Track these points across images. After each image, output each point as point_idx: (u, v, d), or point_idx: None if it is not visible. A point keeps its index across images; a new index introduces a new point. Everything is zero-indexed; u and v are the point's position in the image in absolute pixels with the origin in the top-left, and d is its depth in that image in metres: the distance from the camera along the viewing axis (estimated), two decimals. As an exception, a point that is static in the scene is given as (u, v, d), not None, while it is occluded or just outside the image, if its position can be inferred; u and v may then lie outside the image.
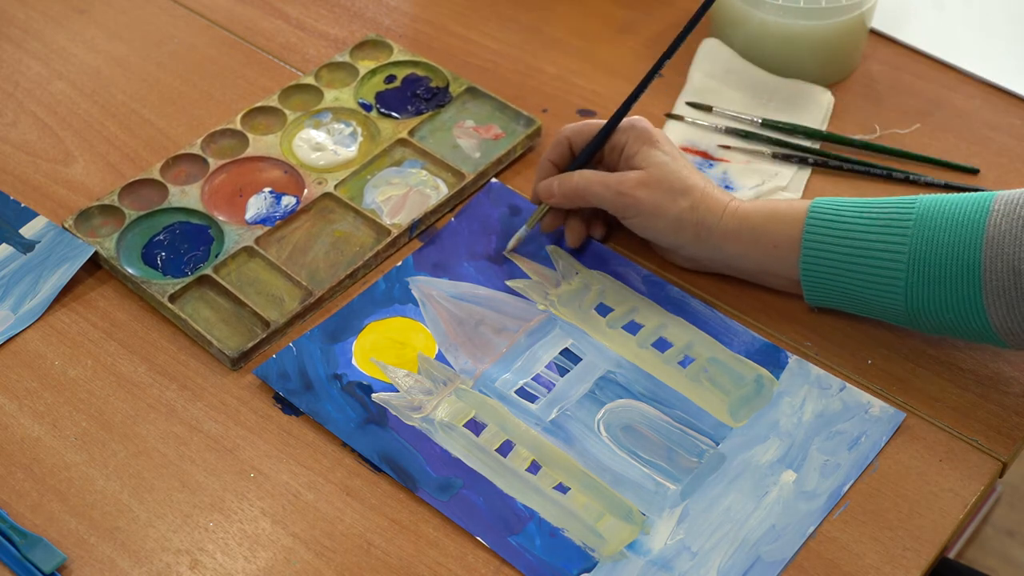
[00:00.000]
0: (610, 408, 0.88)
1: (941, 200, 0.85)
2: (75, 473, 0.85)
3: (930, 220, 0.84)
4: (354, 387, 0.89)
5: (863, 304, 0.88)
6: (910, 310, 0.86)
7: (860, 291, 0.87)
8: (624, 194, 0.92)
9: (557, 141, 0.97)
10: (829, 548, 0.81)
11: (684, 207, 0.91)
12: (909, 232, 0.85)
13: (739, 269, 0.93)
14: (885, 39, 1.16)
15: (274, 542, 0.82)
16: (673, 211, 0.91)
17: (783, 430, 0.87)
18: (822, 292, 0.89)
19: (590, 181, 0.93)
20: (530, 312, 0.94)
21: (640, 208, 0.92)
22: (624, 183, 0.92)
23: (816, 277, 0.88)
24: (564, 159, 0.97)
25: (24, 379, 0.90)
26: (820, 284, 0.89)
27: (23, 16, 1.19)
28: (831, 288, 0.88)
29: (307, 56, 1.15)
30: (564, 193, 0.95)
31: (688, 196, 0.91)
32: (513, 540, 0.81)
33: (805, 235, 0.88)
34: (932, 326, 0.86)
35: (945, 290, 0.84)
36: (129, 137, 1.07)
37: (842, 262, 0.87)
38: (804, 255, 0.88)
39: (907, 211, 0.86)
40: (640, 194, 0.91)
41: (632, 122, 0.95)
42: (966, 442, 0.86)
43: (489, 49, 1.16)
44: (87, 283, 0.96)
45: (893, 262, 0.85)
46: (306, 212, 1.00)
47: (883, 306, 0.87)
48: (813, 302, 0.91)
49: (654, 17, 1.19)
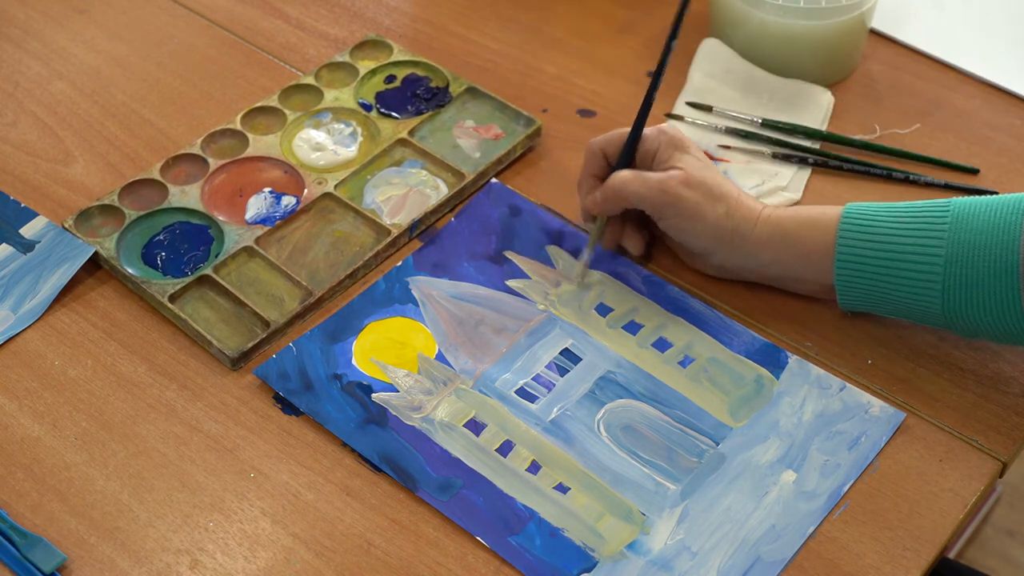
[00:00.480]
0: (610, 408, 0.88)
1: (976, 203, 0.85)
2: (75, 473, 0.85)
3: (966, 223, 0.84)
4: (354, 387, 0.89)
5: (899, 308, 0.88)
6: (947, 314, 0.85)
7: (896, 296, 0.87)
8: (667, 191, 0.90)
9: (591, 154, 0.96)
10: (829, 548, 0.81)
11: (720, 213, 0.90)
12: (945, 236, 0.84)
13: (771, 276, 0.93)
14: (885, 39, 1.16)
15: (274, 542, 0.82)
16: (711, 216, 0.90)
17: (783, 430, 0.87)
18: (856, 297, 0.89)
19: (628, 180, 0.92)
20: (530, 312, 0.94)
21: (680, 207, 0.91)
22: (667, 181, 0.91)
23: (851, 282, 0.88)
24: (603, 170, 0.96)
25: (24, 379, 0.90)
26: (855, 289, 0.88)
27: (23, 16, 1.19)
28: (866, 293, 0.88)
29: (307, 56, 1.15)
30: (606, 196, 0.93)
31: (724, 202, 0.91)
32: (513, 540, 0.81)
33: (839, 241, 0.88)
34: (969, 329, 0.86)
35: (983, 293, 0.83)
36: (129, 137, 1.07)
37: (877, 267, 0.87)
38: (838, 261, 0.88)
39: (942, 215, 0.85)
40: (683, 192, 0.90)
41: (662, 128, 0.94)
42: (966, 442, 0.86)
43: (489, 49, 1.16)
44: (87, 283, 0.96)
45: (929, 266, 0.85)
46: (306, 212, 1.00)
47: (919, 310, 0.87)
48: (847, 307, 0.91)
49: (654, 17, 1.19)
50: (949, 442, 0.86)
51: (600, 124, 1.08)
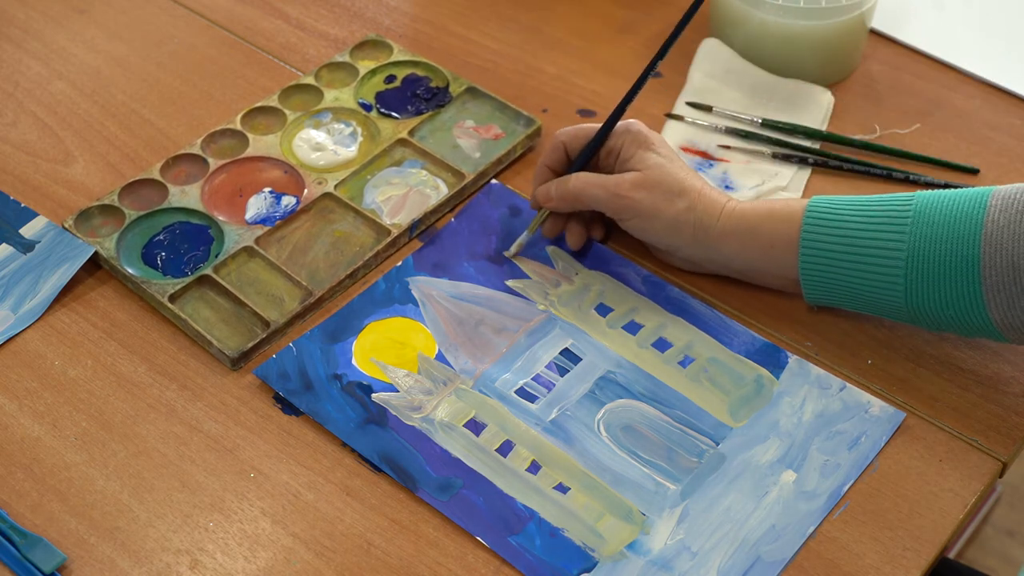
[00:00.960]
0: (610, 408, 0.88)
1: (938, 196, 0.85)
2: (75, 473, 0.85)
3: (928, 216, 0.84)
4: (354, 387, 0.89)
5: (863, 302, 0.88)
6: (910, 307, 0.86)
7: (859, 289, 0.87)
8: (621, 196, 0.92)
9: (553, 146, 0.97)
10: (829, 548, 0.81)
11: (681, 208, 0.91)
12: (907, 229, 0.85)
13: (737, 270, 0.93)
14: (885, 39, 1.16)
15: (274, 542, 0.82)
16: (670, 212, 0.91)
17: (783, 430, 0.87)
18: (821, 291, 0.89)
19: (586, 183, 0.93)
20: (530, 312, 0.94)
21: (637, 209, 0.92)
22: (621, 185, 0.92)
23: (815, 276, 0.88)
24: (561, 164, 0.97)
25: (24, 379, 0.90)
26: (819, 283, 0.88)
27: (23, 16, 1.19)
28: (830, 287, 0.88)
29: (307, 56, 1.15)
30: (561, 196, 0.95)
31: (685, 197, 0.91)
32: (513, 540, 0.81)
33: (803, 234, 0.88)
34: (932, 322, 0.86)
35: (945, 286, 0.84)
36: (129, 137, 1.08)
37: (841, 260, 0.87)
38: (802, 254, 0.88)
39: (905, 208, 0.85)
40: (637, 195, 0.91)
41: (627, 125, 0.95)
42: (966, 442, 0.86)
43: (489, 49, 1.16)
44: (87, 283, 0.96)
45: (892, 259, 0.85)
46: (306, 212, 1.00)
47: (883, 303, 0.87)
48: (812, 301, 0.91)
49: (654, 17, 1.19)
50: (949, 442, 0.86)
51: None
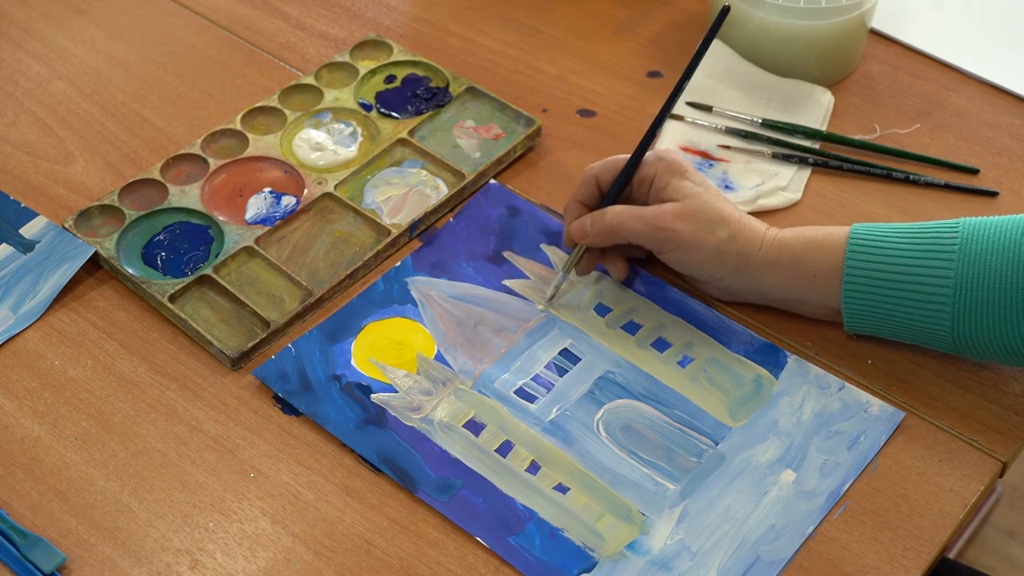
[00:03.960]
0: (609, 408, 0.88)
1: (984, 223, 0.84)
2: (75, 473, 0.85)
3: (975, 243, 0.83)
4: (353, 388, 0.89)
5: (906, 331, 0.87)
6: (956, 336, 0.84)
7: (904, 318, 0.86)
8: (663, 228, 0.89)
9: (584, 180, 0.94)
10: (829, 548, 0.81)
11: (723, 238, 0.89)
12: (955, 256, 0.83)
13: (777, 299, 0.91)
14: (885, 39, 1.16)
15: (274, 542, 0.82)
16: (712, 242, 0.89)
17: (782, 430, 0.87)
18: (865, 320, 0.88)
19: (624, 217, 0.90)
20: (529, 312, 0.94)
21: (678, 241, 0.89)
22: (662, 217, 0.89)
23: (858, 305, 0.87)
24: (593, 198, 0.94)
25: (24, 379, 0.90)
26: (862, 312, 0.87)
27: (23, 16, 1.19)
28: (873, 316, 0.87)
29: (307, 56, 1.15)
30: (598, 232, 0.91)
31: (726, 227, 0.89)
32: (513, 540, 0.81)
33: (847, 263, 0.86)
34: (979, 352, 0.85)
35: (993, 315, 0.82)
36: (129, 137, 1.08)
37: (885, 289, 0.85)
38: (846, 283, 0.86)
39: (951, 235, 0.84)
40: (679, 227, 0.88)
41: (659, 154, 0.92)
42: (966, 442, 0.86)
43: (489, 49, 1.16)
44: (87, 283, 0.96)
45: (939, 288, 0.83)
46: (306, 212, 1.00)
47: (928, 333, 0.86)
48: (853, 330, 0.89)
49: (653, 17, 1.19)
50: (949, 442, 0.86)
51: (600, 124, 1.08)
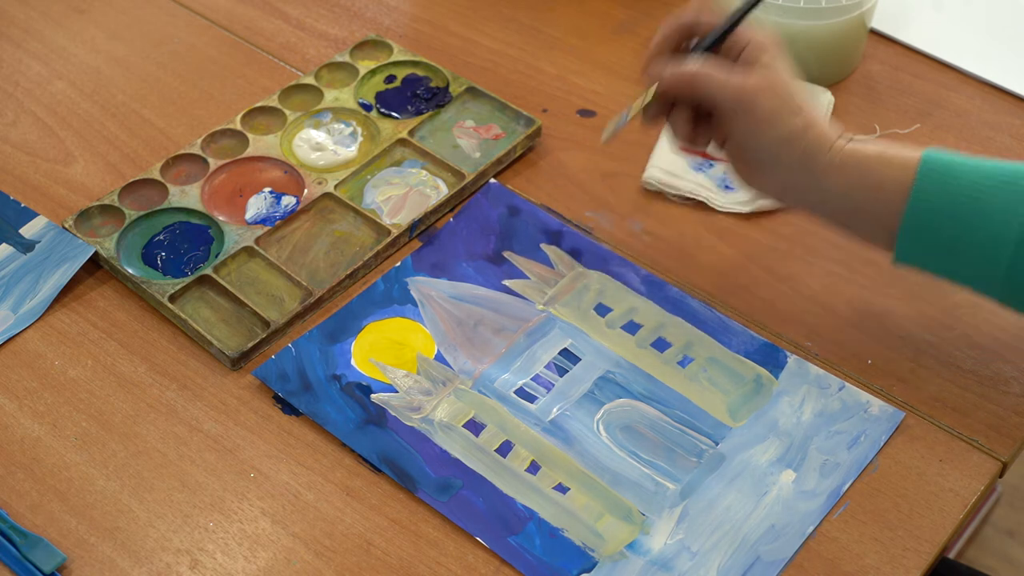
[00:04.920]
0: (609, 408, 0.88)
1: None
2: (75, 473, 0.85)
3: None
4: (353, 388, 0.89)
5: (957, 266, 0.83)
6: (1011, 278, 0.80)
7: (960, 250, 0.81)
8: (745, 91, 0.83)
9: (680, 24, 0.88)
10: (829, 548, 0.81)
11: (797, 125, 0.84)
12: None
13: (832, 209, 0.86)
14: (885, 39, 1.16)
15: (274, 542, 0.82)
16: (785, 127, 0.84)
17: (782, 430, 0.87)
18: (918, 247, 0.83)
19: (709, 73, 0.84)
20: (529, 312, 0.94)
21: (755, 112, 0.84)
22: (747, 83, 0.84)
23: (917, 229, 0.82)
24: (679, 42, 0.88)
25: (24, 379, 0.90)
26: (919, 236, 0.82)
27: (23, 16, 1.19)
28: (929, 243, 0.83)
29: (307, 56, 1.15)
30: (676, 76, 0.85)
31: (802, 116, 0.84)
32: (513, 540, 0.81)
33: (917, 181, 0.82)
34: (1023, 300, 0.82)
35: None
36: (129, 137, 1.08)
37: (948, 216, 0.81)
38: (912, 201, 0.82)
39: None
40: (760, 99, 0.83)
41: (756, 28, 0.87)
42: (966, 442, 0.86)
43: (489, 49, 1.16)
44: (87, 283, 0.96)
45: (1005, 224, 0.79)
46: (306, 212, 1.00)
47: (979, 271, 0.82)
48: (902, 257, 0.84)
49: (654, 17, 1.19)
50: (949, 442, 0.86)
51: (600, 124, 1.08)
